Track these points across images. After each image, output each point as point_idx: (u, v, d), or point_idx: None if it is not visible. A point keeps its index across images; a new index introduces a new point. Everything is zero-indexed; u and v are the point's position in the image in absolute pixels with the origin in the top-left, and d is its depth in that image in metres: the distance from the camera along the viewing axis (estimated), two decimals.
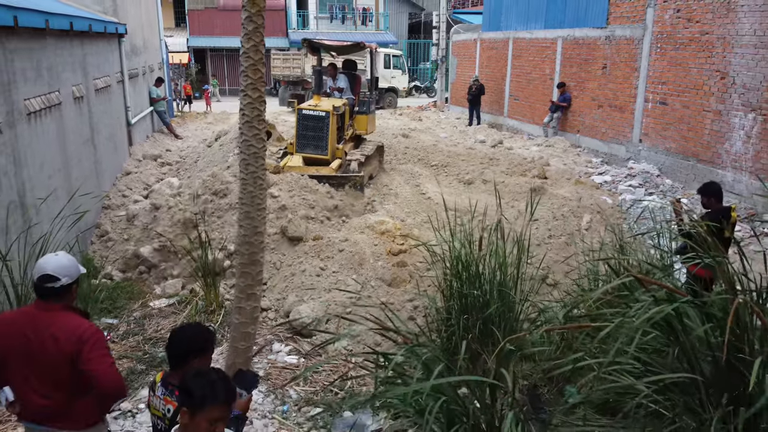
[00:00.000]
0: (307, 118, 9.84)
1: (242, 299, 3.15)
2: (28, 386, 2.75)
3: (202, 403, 2.09)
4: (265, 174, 3.10)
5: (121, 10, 12.59)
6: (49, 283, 2.73)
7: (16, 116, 5.90)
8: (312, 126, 9.82)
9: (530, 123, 17.22)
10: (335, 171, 9.63)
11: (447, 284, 5.19)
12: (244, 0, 2.92)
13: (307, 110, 9.91)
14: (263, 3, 2.97)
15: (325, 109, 9.85)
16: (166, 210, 8.06)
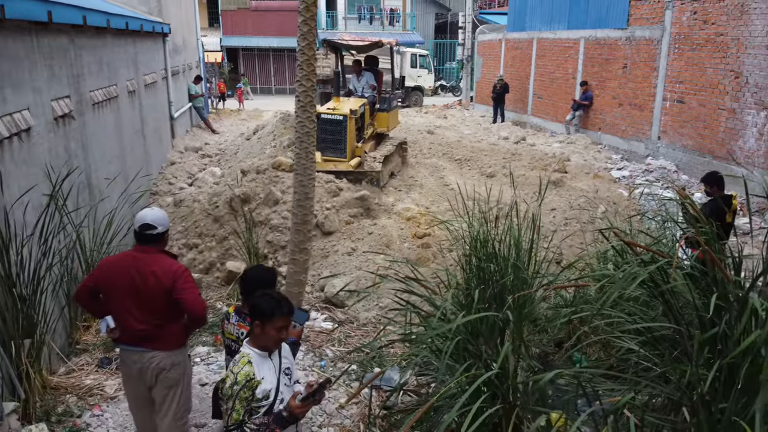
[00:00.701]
0: (326, 122, 9.63)
1: (296, 252, 3.81)
2: (128, 314, 3.44)
3: (271, 315, 2.73)
4: (314, 149, 3.75)
5: (165, 11, 13.43)
6: (148, 230, 3.42)
7: (84, 106, 6.66)
8: (330, 129, 9.69)
9: (553, 121, 17.68)
10: (354, 168, 9.59)
11: (466, 260, 5.78)
12: (300, 6, 3.57)
13: (325, 114, 9.73)
14: (315, 9, 3.62)
15: (343, 112, 9.75)
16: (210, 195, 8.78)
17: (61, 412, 4.56)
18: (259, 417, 2.69)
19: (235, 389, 2.61)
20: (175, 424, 3.62)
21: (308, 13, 3.62)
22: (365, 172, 9.60)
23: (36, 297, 4.52)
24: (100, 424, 4.49)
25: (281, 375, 2.82)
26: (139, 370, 3.52)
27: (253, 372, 2.67)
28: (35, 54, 5.26)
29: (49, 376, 4.88)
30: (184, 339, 3.60)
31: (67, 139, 5.96)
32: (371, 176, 9.58)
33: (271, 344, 2.76)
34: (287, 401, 2.76)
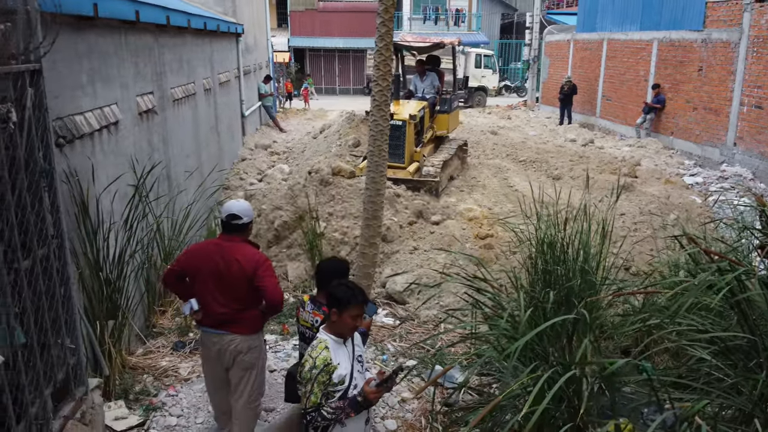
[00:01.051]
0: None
1: (366, 246, 3.92)
2: (212, 298, 3.64)
3: (347, 303, 2.84)
4: (387, 147, 3.85)
5: (239, 11, 13.88)
6: (234, 220, 3.61)
7: (165, 102, 7.01)
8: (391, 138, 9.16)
9: (622, 124, 17.19)
10: (412, 175, 9.34)
11: (532, 262, 5.74)
12: (380, 8, 3.68)
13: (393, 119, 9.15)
14: (393, 10, 3.71)
15: (403, 117, 9.34)
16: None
17: (138, 391, 4.83)
18: (335, 401, 2.80)
19: (314, 373, 2.73)
20: (249, 406, 3.79)
21: (387, 15, 3.72)
22: (424, 181, 9.23)
23: (120, 281, 4.81)
24: (175, 404, 4.73)
25: (354, 361, 2.93)
26: (218, 352, 3.71)
27: (330, 357, 2.79)
28: (123, 51, 5.58)
29: (128, 356, 5.18)
30: (261, 325, 3.78)
31: (150, 133, 6.29)
32: (430, 185, 9.20)
33: (347, 331, 2.87)
34: (360, 387, 2.85)
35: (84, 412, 3.69)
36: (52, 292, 3.29)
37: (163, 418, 4.53)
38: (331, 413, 2.76)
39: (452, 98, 11.05)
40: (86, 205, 4.38)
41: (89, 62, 4.74)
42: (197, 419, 4.54)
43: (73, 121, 4.38)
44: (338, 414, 2.76)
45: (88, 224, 4.43)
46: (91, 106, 4.75)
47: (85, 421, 3.69)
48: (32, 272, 3.09)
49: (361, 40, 33.12)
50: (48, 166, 3.23)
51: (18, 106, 3.00)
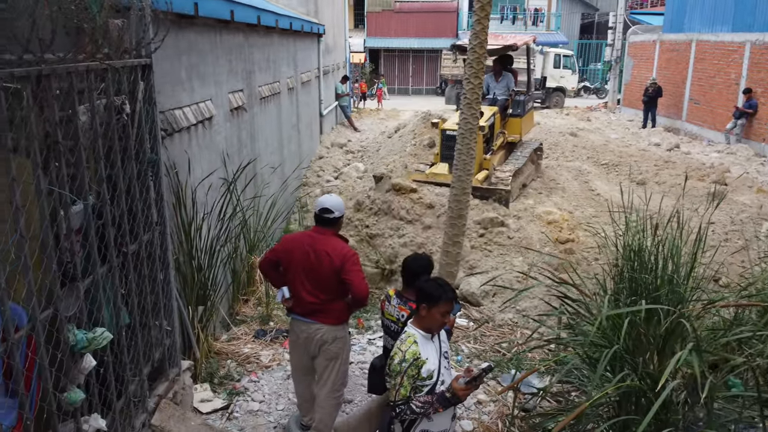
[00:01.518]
0: (451, 139, 8.52)
1: (449, 245, 3.92)
2: (302, 287, 3.75)
3: (437, 299, 2.85)
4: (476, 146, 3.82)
5: (320, 12, 14.17)
6: (326, 214, 3.71)
7: (253, 100, 7.25)
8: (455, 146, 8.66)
9: (710, 128, 16.35)
10: (481, 183, 8.66)
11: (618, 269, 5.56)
12: (475, 5, 3.67)
13: (450, 131, 8.84)
14: (490, 8, 3.70)
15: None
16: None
17: (222, 375, 5.02)
18: (423, 395, 2.81)
19: (404, 366, 2.76)
20: (332, 395, 3.88)
21: (482, 12, 3.71)
22: (494, 190, 8.68)
23: (210, 269, 5.02)
24: (257, 390, 4.89)
25: (441, 357, 2.93)
26: (305, 340, 3.82)
27: (419, 351, 2.81)
28: (218, 50, 5.81)
29: (213, 341, 5.39)
30: (347, 316, 3.86)
31: (239, 129, 6.53)
32: (500, 194, 8.66)
33: (435, 327, 2.88)
34: (447, 383, 2.86)
35: (176, 392, 3.88)
36: (153, 276, 3.48)
37: (246, 402, 4.69)
38: (420, 407, 2.77)
39: (526, 100, 10.42)
40: (183, 196, 4.59)
41: (188, 59, 4.97)
42: (278, 406, 4.67)
43: (173, 116, 4.60)
44: (427, 408, 2.78)
45: (184, 214, 4.65)
46: (188, 102, 4.98)
47: (177, 401, 3.88)
48: (138, 256, 3.28)
49: (436, 40, 33.06)
50: (155, 156, 3.42)
51: (130, 99, 3.19)
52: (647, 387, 3.86)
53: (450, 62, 26.18)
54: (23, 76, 2.29)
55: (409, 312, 3.36)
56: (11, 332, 2.27)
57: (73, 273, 2.64)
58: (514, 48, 10.11)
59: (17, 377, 2.30)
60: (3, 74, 2.16)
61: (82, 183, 2.71)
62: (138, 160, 3.24)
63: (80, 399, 2.63)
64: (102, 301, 2.86)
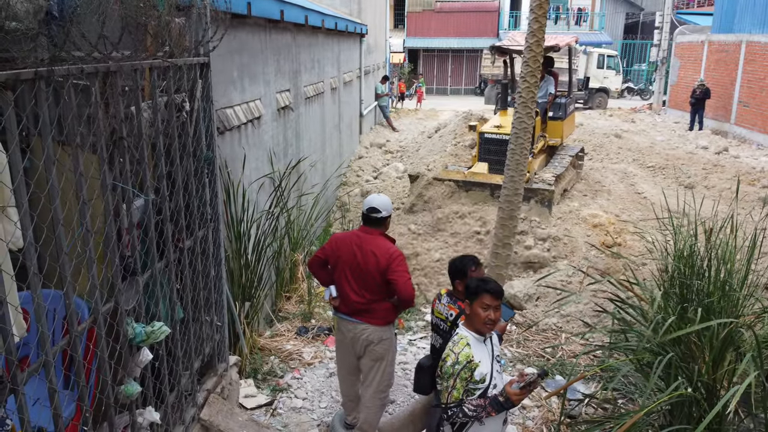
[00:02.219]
0: (489, 142, 9.01)
1: (499, 247, 3.87)
2: (348, 286, 3.75)
3: (476, 292, 2.82)
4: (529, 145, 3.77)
5: (364, 12, 14.21)
6: (374, 213, 3.71)
7: (299, 99, 7.31)
8: (494, 150, 8.84)
9: (761, 132, 15.81)
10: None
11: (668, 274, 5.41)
12: (533, 3, 3.62)
13: (489, 134, 9.12)
14: (547, 5, 3.64)
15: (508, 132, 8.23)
16: None
17: (266, 371, 5.07)
18: (475, 399, 2.78)
19: (457, 369, 2.72)
20: (377, 396, 3.87)
21: (540, 11, 3.66)
22: (536, 190, 8.48)
23: (257, 266, 5.07)
24: (300, 387, 4.93)
25: (494, 361, 2.90)
26: (351, 339, 3.82)
27: (473, 354, 2.77)
28: (267, 50, 5.88)
29: (257, 337, 5.45)
30: (393, 317, 3.83)
31: (285, 128, 6.59)
32: (543, 194, 8.47)
33: (481, 325, 2.83)
34: (500, 387, 2.82)
35: (224, 387, 3.93)
36: (206, 272, 3.53)
37: (290, 399, 4.73)
38: (473, 410, 2.74)
39: (567, 102, 10.25)
40: (234, 193, 4.65)
41: (240, 58, 5.04)
42: (321, 403, 4.70)
43: (225, 114, 4.67)
44: (479, 412, 2.74)
45: (234, 211, 4.71)
46: (239, 101, 5.05)
47: (224, 396, 3.93)
48: (193, 252, 3.33)
49: (476, 39, 32.81)
50: (211, 154, 3.47)
51: (189, 97, 3.24)
52: (701, 396, 3.74)
53: (490, 62, 25.94)
54: (91, 72, 2.35)
55: (457, 311, 3.33)
56: (74, 325, 2.33)
57: (133, 267, 2.70)
58: (556, 49, 9.81)
59: (79, 369, 2.36)
60: (73, 71, 2.21)
61: (144, 179, 2.76)
62: (195, 158, 3.30)
63: (137, 392, 2.68)
64: (159, 296, 2.91)
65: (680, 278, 5.38)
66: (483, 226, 7.78)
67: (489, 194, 8.19)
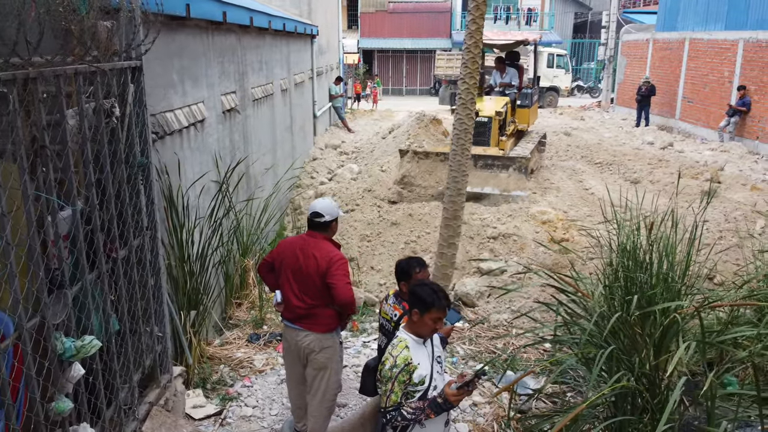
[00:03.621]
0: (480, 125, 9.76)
1: (444, 246, 3.88)
2: (290, 291, 3.70)
3: (430, 306, 2.81)
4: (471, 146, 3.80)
5: (314, 13, 14.13)
6: (317, 218, 3.67)
7: (246, 101, 7.20)
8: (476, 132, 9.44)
9: (704, 127, 16.40)
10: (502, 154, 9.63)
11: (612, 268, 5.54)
12: (470, 4, 3.64)
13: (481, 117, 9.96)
14: (484, 7, 3.67)
15: (488, 114, 9.94)
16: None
17: (215, 381, 4.97)
18: (415, 401, 2.77)
19: (395, 372, 2.72)
20: (323, 404, 3.82)
21: (477, 12, 3.68)
22: (514, 158, 9.40)
23: (203, 273, 4.97)
24: (250, 395, 4.85)
25: (434, 362, 2.90)
26: (295, 346, 3.77)
27: (411, 357, 2.77)
28: (210, 51, 5.77)
29: (206, 346, 5.34)
30: (336, 324, 3.78)
31: (231, 131, 6.48)
32: (520, 163, 9.36)
33: (426, 332, 2.84)
34: (440, 388, 2.82)
35: (167, 399, 3.83)
36: (144, 282, 3.43)
37: (239, 408, 4.65)
38: (411, 413, 2.73)
39: (533, 93, 11.56)
40: (174, 199, 4.55)
41: (180, 61, 4.93)
42: (272, 411, 4.63)
43: (164, 118, 4.56)
44: (418, 414, 2.74)
45: (175, 218, 4.60)
46: (181, 104, 4.93)
47: (168, 408, 3.84)
48: (128, 262, 3.23)
49: (430, 40, 33.07)
50: (146, 160, 3.38)
51: (120, 101, 3.15)
52: (643, 387, 3.84)
53: (443, 62, 26.18)
54: (9, 79, 2.25)
55: (401, 311, 3.32)
56: None
57: (60, 280, 2.60)
58: (526, 43, 11.47)
59: (3, 387, 2.26)
60: None
61: (70, 188, 2.66)
62: (128, 164, 3.20)
63: (68, 408, 2.59)
64: (91, 308, 2.81)
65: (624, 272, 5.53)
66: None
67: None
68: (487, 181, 9.24)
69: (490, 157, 9.37)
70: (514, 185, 9.16)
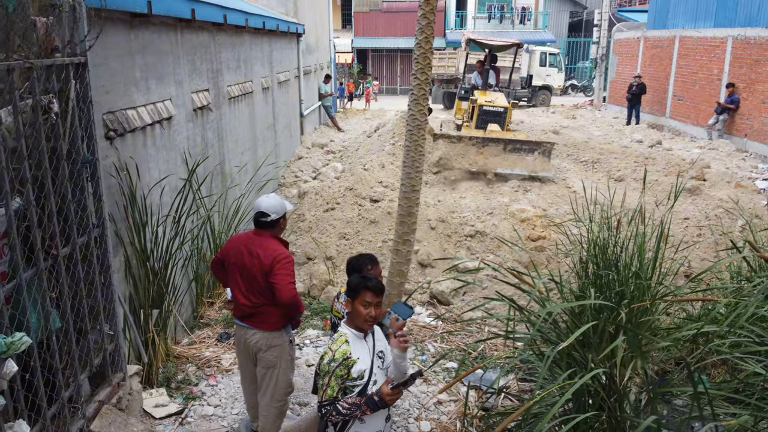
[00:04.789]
0: (487, 114, 11.46)
1: (399, 243, 3.86)
2: (237, 289, 3.68)
3: (357, 289, 2.80)
4: (424, 143, 3.77)
5: (300, 12, 14.10)
6: (262, 217, 3.64)
7: (221, 99, 7.17)
8: (488, 119, 11.39)
9: (694, 125, 16.38)
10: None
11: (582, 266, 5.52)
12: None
13: (486, 106, 11.52)
14: (435, 2, 3.64)
15: (504, 105, 11.56)
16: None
17: (180, 380, 4.95)
18: (352, 397, 2.75)
19: (332, 366, 2.70)
20: (273, 404, 3.78)
21: (428, 7, 3.65)
22: (540, 143, 10.21)
23: (167, 272, 4.94)
24: (214, 394, 4.83)
25: (375, 357, 2.88)
26: (245, 345, 3.74)
27: (350, 351, 2.75)
28: (179, 49, 5.74)
29: (173, 345, 5.32)
30: (283, 323, 3.73)
31: (204, 129, 6.45)
32: (545, 147, 10.14)
33: (362, 322, 2.82)
34: (381, 383, 2.80)
35: (120, 398, 3.80)
36: (91, 279, 3.40)
37: (201, 407, 4.62)
38: (347, 409, 2.71)
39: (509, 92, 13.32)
40: (134, 196, 4.52)
41: (143, 58, 4.90)
42: (233, 410, 4.61)
43: (125, 115, 4.53)
44: (353, 410, 2.71)
45: (137, 215, 4.58)
46: (144, 102, 4.90)
47: (122, 407, 3.81)
48: (71, 259, 3.20)
49: None
50: (91, 156, 3.35)
51: (62, 97, 3.12)
52: (599, 385, 3.81)
53: (436, 61, 26.13)
54: None
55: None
56: None
57: None
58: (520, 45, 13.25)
59: None
60: None
61: (2, 185, 2.63)
62: (71, 161, 3.17)
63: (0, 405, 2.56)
64: (27, 305, 2.79)
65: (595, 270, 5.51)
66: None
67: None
68: (516, 164, 10.13)
69: (520, 141, 10.23)
70: (540, 167, 10.13)
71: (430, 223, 7.94)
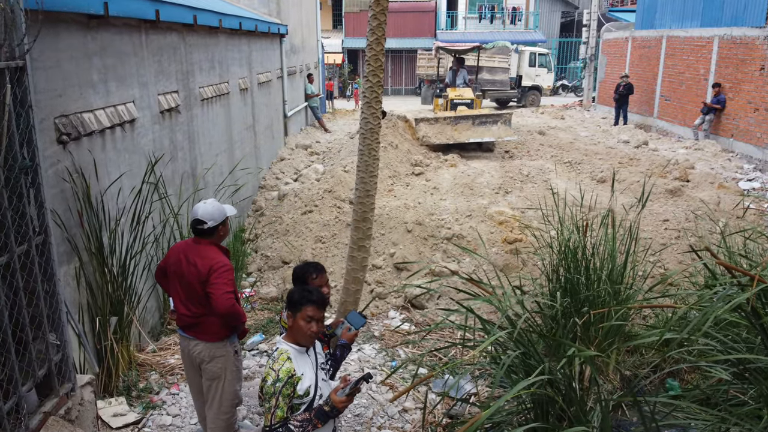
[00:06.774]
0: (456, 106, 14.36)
1: (354, 250, 3.77)
2: (177, 298, 3.58)
3: (298, 303, 2.69)
4: (378, 146, 3.69)
5: (284, 12, 13.99)
6: (198, 225, 3.54)
7: (192, 101, 7.07)
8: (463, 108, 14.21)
9: (681, 125, 16.35)
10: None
11: (553, 269, 5.44)
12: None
13: (456, 99, 14.54)
14: (386, 3, 3.55)
15: (471, 97, 14.60)
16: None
17: (141, 388, 4.85)
18: (301, 413, 2.65)
19: (278, 386, 2.57)
20: (219, 416, 3.68)
21: (378, 7, 3.56)
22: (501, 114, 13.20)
23: (126, 277, 4.84)
24: (174, 403, 4.73)
25: (318, 370, 2.78)
26: (189, 356, 3.64)
27: (294, 368, 2.64)
28: (144, 51, 5.63)
29: (137, 353, 5.22)
30: (226, 333, 3.63)
31: (173, 131, 6.35)
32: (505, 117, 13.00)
33: (303, 337, 2.71)
34: (326, 395, 2.71)
35: (70, 409, 3.70)
36: (32, 288, 3.30)
37: (160, 416, 4.53)
38: (299, 426, 2.60)
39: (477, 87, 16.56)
40: (90, 201, 4.42)
41: (101, 60, 4.79)
42: (192, 420, 4.51)
43: (79, 119, 4.42)
44: (305, 426, 2.61)
45: (93, 221, 4.47)
46: (102, 104, 4.80)
47: (71, 418, 3.70)
48: (8, 268, 3.10)
49: (414, 40, 32.98)
50: (29, 162, 3.25)
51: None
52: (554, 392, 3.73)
53: (425, 62, 26.07)
54: None
55: None
56: None
57: None
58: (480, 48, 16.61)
59: None
60: None
61: None
62: (6, 167, 3.07)
63: None
64: None
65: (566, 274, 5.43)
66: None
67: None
68: (484, 134, 12.57)
69: (484, 115, 12.98)
70: (504, 133, 12.61)
71: (406, 225, 7.85)
